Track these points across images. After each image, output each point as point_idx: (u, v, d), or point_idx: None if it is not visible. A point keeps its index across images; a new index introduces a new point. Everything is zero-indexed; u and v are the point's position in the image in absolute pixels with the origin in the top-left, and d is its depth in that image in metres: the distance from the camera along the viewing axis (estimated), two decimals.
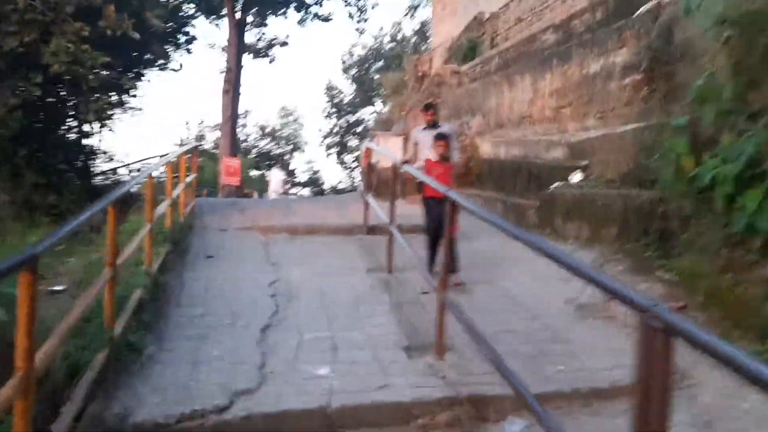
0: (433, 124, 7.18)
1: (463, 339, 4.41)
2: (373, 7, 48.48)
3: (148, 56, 9.65)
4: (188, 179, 8.95)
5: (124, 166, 13.32)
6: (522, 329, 4.87)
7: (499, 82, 10.96)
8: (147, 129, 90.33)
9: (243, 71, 25.35)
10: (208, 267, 6.61)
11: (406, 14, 37.23)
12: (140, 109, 14.07)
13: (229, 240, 7.87)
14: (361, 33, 31.11)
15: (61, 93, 8.91)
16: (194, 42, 10.52)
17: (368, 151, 10.39)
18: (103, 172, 13.42)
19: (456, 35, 17.39)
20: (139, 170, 14.34)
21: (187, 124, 50.53)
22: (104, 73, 7.80)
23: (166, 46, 10.22)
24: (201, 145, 48.97)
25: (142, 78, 11.27)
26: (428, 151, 6.83)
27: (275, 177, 27.87)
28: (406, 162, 7.27)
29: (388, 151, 13.41)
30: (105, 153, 12.96)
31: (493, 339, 3.69)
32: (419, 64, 20.04)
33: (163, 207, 6.74)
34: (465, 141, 11.44)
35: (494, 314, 5.17)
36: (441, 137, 6.52)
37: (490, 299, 5.60)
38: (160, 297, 5.31)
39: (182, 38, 10.59)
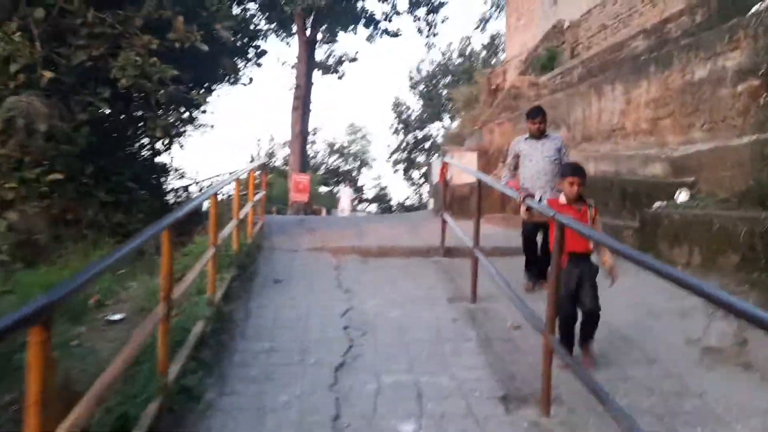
0: (540, 134, 6.37)
1: (570, 387, 3.72)
2: (442, 22, 47.77)
3: (217, 70, 9.40)
4: (257, 197, 8.58)
5: (195, 183, 13.19)
6: (640, 377, 4.10)
7: (585, 92, 10.15)
8: (218, 145, 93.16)
9: (312, 88, 25.31)
10: (276, 293, 6.13)
11: (477, 27, 36.37)
12: (211, 126, 13.96)
13: (298, 262, 7.40)
14: (431, 48, 30.58)
15: (130, 108, 8.75)
16: (264, 56, 10.25)
17: (444, 167, 9.76)
18: (174, 190, 13.35)
19: (532, 46, 16.61)
20: (209, 186, 14.27)
21: (258, 140, 51.04)
22: (173, 87, 7.51)
23: (235, 59, 9.98)
24: (271, 162, 49.79)
25: (212, 93, 11.08)
26: (531, 165, 6.16)
27: (345, 194, 28.26)
28: (512, 187, 6.29)
29: (466, 167, 12.76)
30: (176, 170, 12.88)
31: (608, 390, 3.00)
32: (492, 77, 19.33)
33: (228, 228, 6.34)
34: None
35: (604, 355, 4.43)
36: (573, 171, 4.47)
37: (597, 336, 4.85)
38: (223, 328, 4.84)
39: (252, 52, 10.35)
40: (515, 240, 6.91)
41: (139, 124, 9.37)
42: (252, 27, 9.70)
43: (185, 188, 13.74)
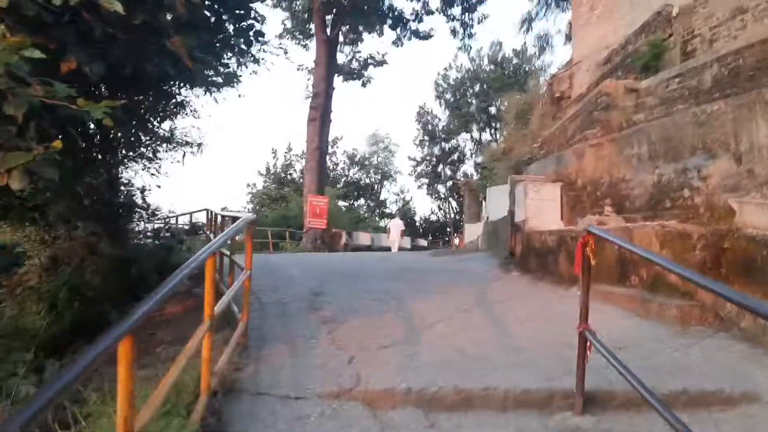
0: None
1: None
2: (479, 22, 43.59)
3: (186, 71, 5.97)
4: (236, 286, 4.98)
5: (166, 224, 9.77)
6: None
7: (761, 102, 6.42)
8: (230, 162, 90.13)
9: (332, 96, 21.80)
10: None
11: (521, 28, 32.44)
12: (198, 145, 10.52)
13: None
14: (468, 51, 26.80)
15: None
16: (263, 39, 6.83)
17: (588, 242, 6.11)
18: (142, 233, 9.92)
19: (615, 41, 12.92)
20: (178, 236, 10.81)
21: (274, 152, 47.71)
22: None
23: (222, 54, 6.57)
24: (287, 174, 46.35)
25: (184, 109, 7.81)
26: None
27: (395, 226, 27.89)
28: None
29: (552, 205, 9.16)
30: (145, 208, 9.40)
31: None
32: (555, 83, 15.64)
33: (194, 341, 2.91)
34: (695, 200, 6.94)
35: None
36: None
37: None
38: None
39: (246, 39, 6.88)
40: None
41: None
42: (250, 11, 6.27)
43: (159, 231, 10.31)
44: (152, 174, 9.15)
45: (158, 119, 8.02)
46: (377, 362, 4.78)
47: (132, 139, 7.56)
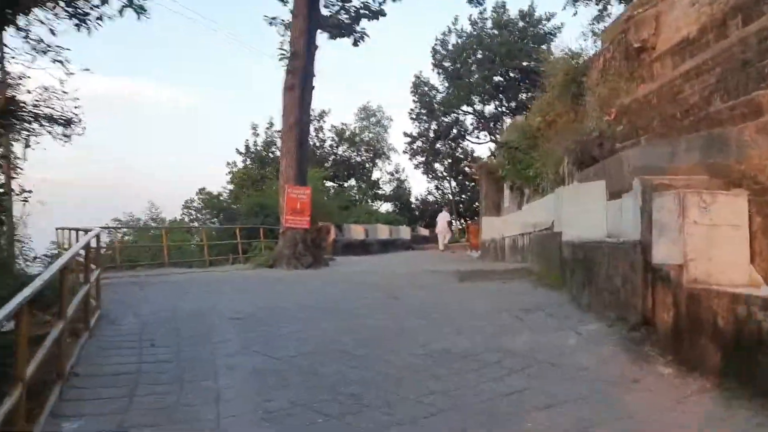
0: None
1: None
2: None
3: None
4: None
5: None
6: None
7: None
8: (213, 139, 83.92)
9: (316, 56, 16.94)
10: None
11: None
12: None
13: None
14: (480, 3, 22.16)
15: None
16: None
17: None
18: None
19: None
20: None
21: (254, 128, 42.66)
22: None
23: None
24: (269, 153, 41.20)
25: None
26: None
27: (442, 218, 27.63)
28: None
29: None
30: None
31: None
32: (632, 27, 10.92)
33: None
34: None
35: None
36: None
37: None
38: None
39: None
40: None
41: None
42: None
43: None
44: None
45: None
46: None
47: None
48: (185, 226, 27.80)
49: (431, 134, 47.54)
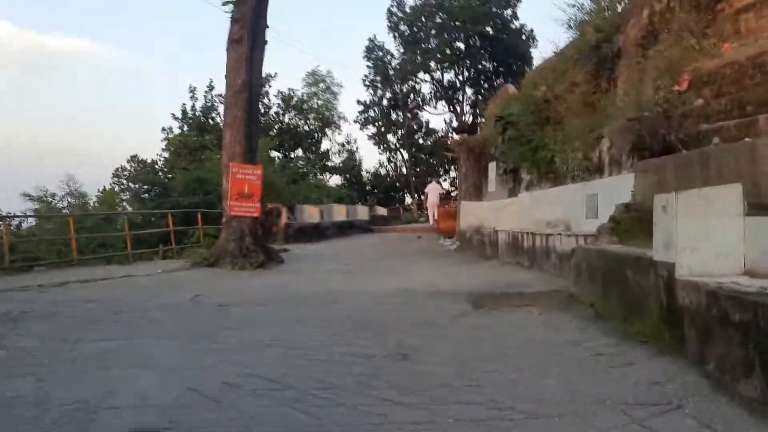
0: None
1: None
2: None
3: None
4: None
5: None
6: None
7: None
8: (146, 103, 76.97)
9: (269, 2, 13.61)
10: None
11: None
12: None
13: None
14: None
15: None
16: None
17: None
18: None
19: None
20: None
21: (192, 91, 38.41)
22: None
23: None
24: (209, 119, 37.03)
25: None
26: None
27: (433, 190, 25.82)
28: None
29: None
30: None
31: None
32: None
33: None
34: None
35: None
36: None
37: None
38: None
39: None
40: None
41: None
42: None
43: None
44: None
45: None
46: None
47: None
48: (102, 212, 23.39)
49: (385, 103, 44.50)
